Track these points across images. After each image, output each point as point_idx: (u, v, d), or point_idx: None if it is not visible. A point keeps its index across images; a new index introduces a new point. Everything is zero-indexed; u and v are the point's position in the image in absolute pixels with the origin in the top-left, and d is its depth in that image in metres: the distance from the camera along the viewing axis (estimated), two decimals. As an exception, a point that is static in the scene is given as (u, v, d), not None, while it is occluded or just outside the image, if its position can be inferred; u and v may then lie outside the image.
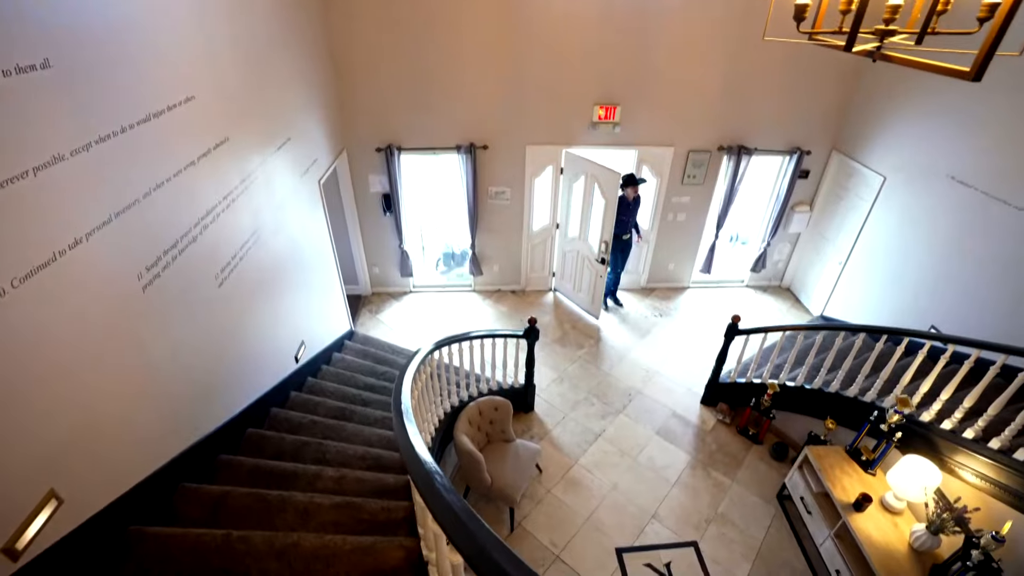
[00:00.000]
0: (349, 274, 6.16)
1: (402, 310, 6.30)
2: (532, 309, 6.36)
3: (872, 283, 5.34)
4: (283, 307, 3.71)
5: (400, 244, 6.03)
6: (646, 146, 5.60)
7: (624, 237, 5.78)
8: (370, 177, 5.58)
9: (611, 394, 5.18)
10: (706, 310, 6.44)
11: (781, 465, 4.53)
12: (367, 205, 5.78)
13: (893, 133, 5.01)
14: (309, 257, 4.26)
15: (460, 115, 5.27)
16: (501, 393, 4.57)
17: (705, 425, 4.89)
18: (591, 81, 5.19)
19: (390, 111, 5.17)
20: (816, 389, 4.23)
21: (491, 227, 6.06)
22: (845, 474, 3.66)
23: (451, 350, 3.86)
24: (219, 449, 2.76)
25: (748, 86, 5.31)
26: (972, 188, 4.24)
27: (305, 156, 4.12)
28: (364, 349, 5.07)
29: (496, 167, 5.62)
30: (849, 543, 3.43)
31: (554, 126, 5.42)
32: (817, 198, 6.11)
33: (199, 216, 2.52)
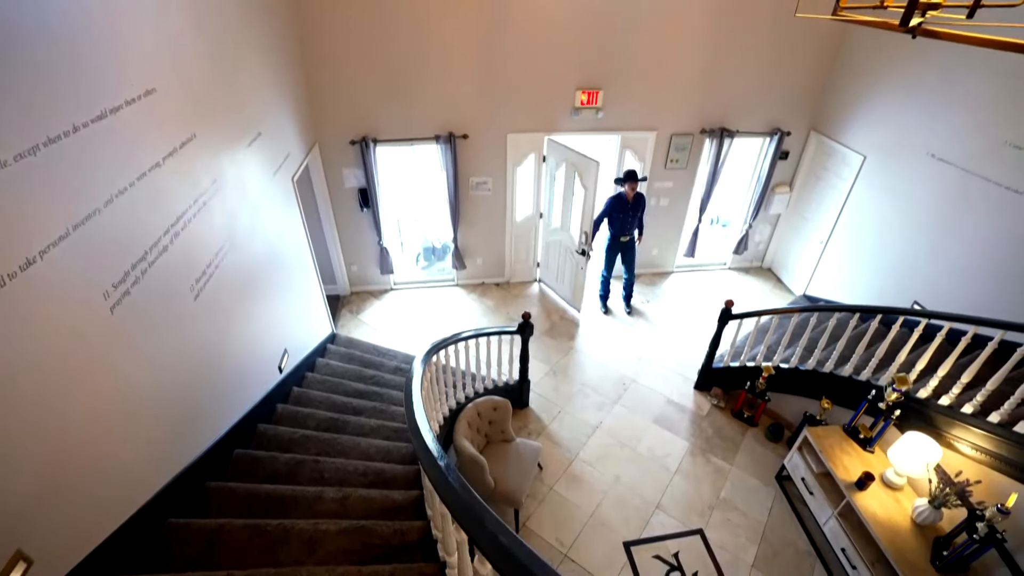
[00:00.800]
0: (327, 274, 5.88)
1: (384, 309, 6.06)
2: (518, 302, 6.22)
3: (854, 261, 5.41)
4: (264, 314, 3.46)
5: (379, 241, 5.78)
6: (629, 131, 5.50)
7: (623, 239, 5.56)
8: (345, 172, 5.29)
9: (605, 384, 5.12)
10: (691, 294, 6.44)
11: (777, 446, 4.56)
12: (342, 201, 5.50)
13: (872, 113, 5.04)
14: (287, 259, 4.00)
15: (438, 104, 5.03)
16: (495, 391, 4.43)
17: (700, 410, 4.89)
18: (572, 66, 5.03)
19: (364, 101, 4.90)
20: (810, 370, 4.25)
21: (473, 219, 5.87)
22: (845, 453, 3.69)
23: (447, 352, 3.69)
24: (206, 476, 2.54)
25: (728, 67, 5.25)
26: (952, 165, 4.29)
27: (277, 152, 3.84)
28: (348, 352, 4.84)
29: (477, 157, 5.42)
30: (853, 521, 3.46)
31: (536, 113, 5.24)
32: (796, 179, 6.14)
33: (169, 223, 2.26)
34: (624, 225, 5.48)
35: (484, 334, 3.98)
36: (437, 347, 3.32)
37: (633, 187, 5.25)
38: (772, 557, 3.74)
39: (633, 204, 5.39)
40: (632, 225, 5.52)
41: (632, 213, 5.43)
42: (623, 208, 5.40)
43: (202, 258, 2.58)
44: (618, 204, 5.41)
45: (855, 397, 3.96)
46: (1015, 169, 3.82)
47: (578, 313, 6.06)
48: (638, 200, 5.40)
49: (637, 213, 5.46)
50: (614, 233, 5.58)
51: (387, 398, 3.98)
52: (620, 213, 5.43)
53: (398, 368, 4.66)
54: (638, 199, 5.39)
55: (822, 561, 3.70)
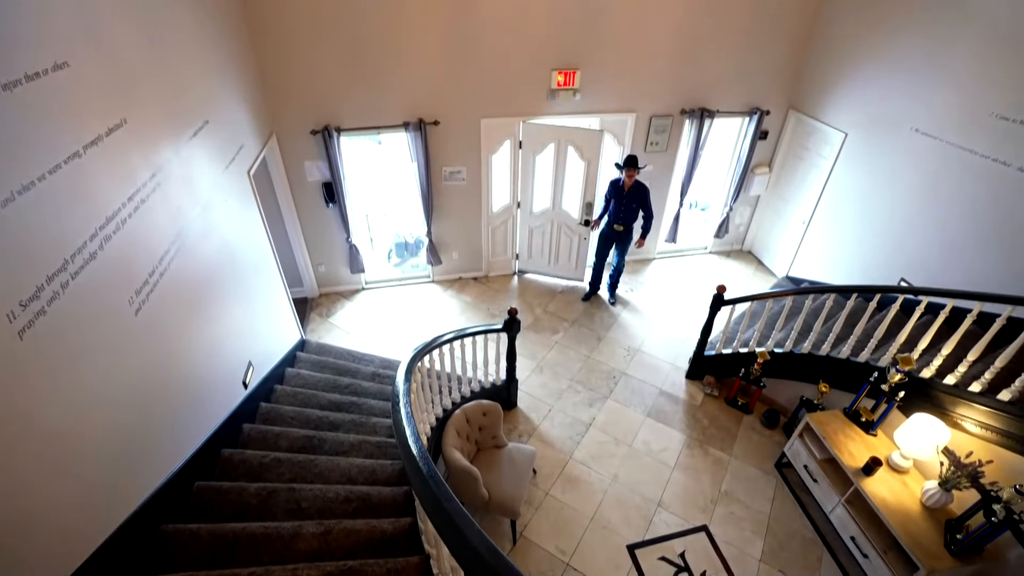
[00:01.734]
0: (292, 276, 5.47)
1: (356, 310, 5.69)
2: (499, 296, 5.95)
3: (837, 241, 5.35)
4: (223, 325, 3.08)
5: (347, 238, 5.39)
6: (608, 113, 5.27)
7: (617, 228, 5.30)
8: (307, 164, 4.88)
9: (595, 378, 4.91)
10: (675, 280, 6.30)
11: (773, 432, 4.46)
12: (305, 197, 5.09)
13: (852, 90, 4.96)
14: (246, 261, 3.61)
15: (406, 88, 4.67)
16: (482, 394, 4.17)
17: (694, 400, 4.74)
18: (548, 45, 4.75)
19: (325, 87, 4.49)
20: (806, 354, 4.15)
21: (448, 211, 5.55)
22: (848, 438, 3.59)
23: (430, 357, 3.39)
24: (162, 517, 2.18)
25: (706, 45, 5.07)
26: (936, 139, 4.23)
27: (229, 143, 3.43)
28: (320, 360, 4.47)
29: (449, 145, 5.09)
30: (861, 508, 3.36)
31: (510, 96, 4.95)
32: (776, 159, 6.06)
33: (97, 224, 1.89)
34: (618, 213, 5.23)
35: (468, 334, 3.69)
36: (419, 355, 3.02)
37: (631, 174, 4.99)
38: (779, 549, 3.62)
39: (629, 193, 5.11)
40: (628, 215, 5.22)
41: (627, 202, 5.16)
42: (618, 195, 5.16)
43: (143, 265, 2.21)
44: (615, 190, 5.17)
45: (854, 379, 3.87)
46: (1002, 140, 3.77)
47: (583, 282, 6.15)
48: (636, 189, 5.10)
49: (633, 204, 5.17)
50: (608, 220, 5.34)
51: (366, 409, 3.66)
52: (615, 200, 5.19)
53: (376, 374, 4.33)
54: (637, 189, 5.10)
55: (829, 550, 3.60)
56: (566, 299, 5.92)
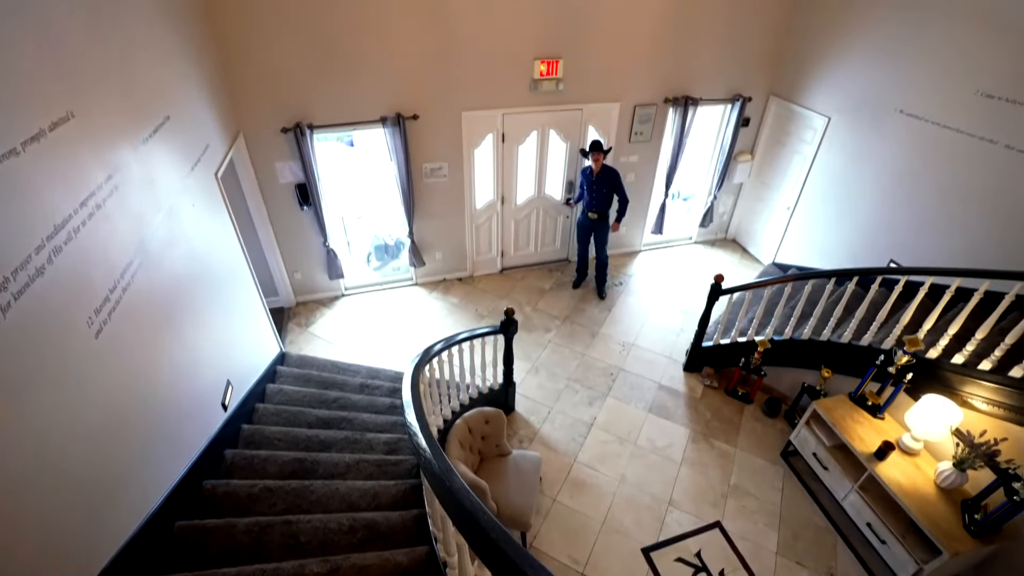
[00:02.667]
0: (266, 285, 5.12)
1: (337, 318, 5.39)
2: (486, 296, 5.74)
3: (824, 225, 5.35)
4: (197, 343, 2.78)
5: (324, 242, 5.09)
6: (592, 103, 5.12)
7: (591, 215, 5.21)
8: (278, 165, 4.56)
9: (592, 376, 4.77)
10: (662, 272, 6.22)
11: (776, 421, 4.40)
12: (278, 200, 4.76)
13: (834, 73, 4.94)
14: (218, 271, 3.30)
15: (382, 81, 4.41)
16: (480, 400, 3.96)
17: (694, 393, 4.65)
18: (529, 34, 4.56)
19: (294, 81, 4.19)
20: (806, 340, 4.09)
21: (430, 210, 5.31)
22: (857, 423, 3.54)
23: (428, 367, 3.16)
24: (140, 568, 1.91)
25: (687, 31, 4.98)
26: (922, 120, 4.24)
27: (194, 142, 3.12)
28: (303, 373, 4.18)
29: (430, 140, 4.85)
30: (875, 493, 3.31)
31: (492, 87, 4.74)
32: (757, 146, 6.03)
33: (44, 234, 1.61)
34: (590, 199, 5.13)
35: (465, 339, 3.48)
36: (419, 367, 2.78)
37: (597, 158, 4.88)
38: (793, 540, 3.54)
39: (599, 178, 5.02)
40: (600, 202, 5.14)
41: (598, 187, 5.06)
42: (589, 181, 5.06)
43: (102, 280, 1.92)
44: (585, 177, 5.07)
45: (856, 363, 3.83)
46: (988, 119, 3.78)
47: (568, 263, 6.27)
48: (606, 174, 5.02)
49: (604, 188, 5.08)
50: (584, 207, 5.23)
51: (359, 424, 3.40)
52: (585, 186, 5.09)
53: (364, 385, 4.07)
54: (606, 173, 5.02)
55: (843, 537, 3.54)
56: (555, 295, 5.76)
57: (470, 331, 3.56)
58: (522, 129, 5.08)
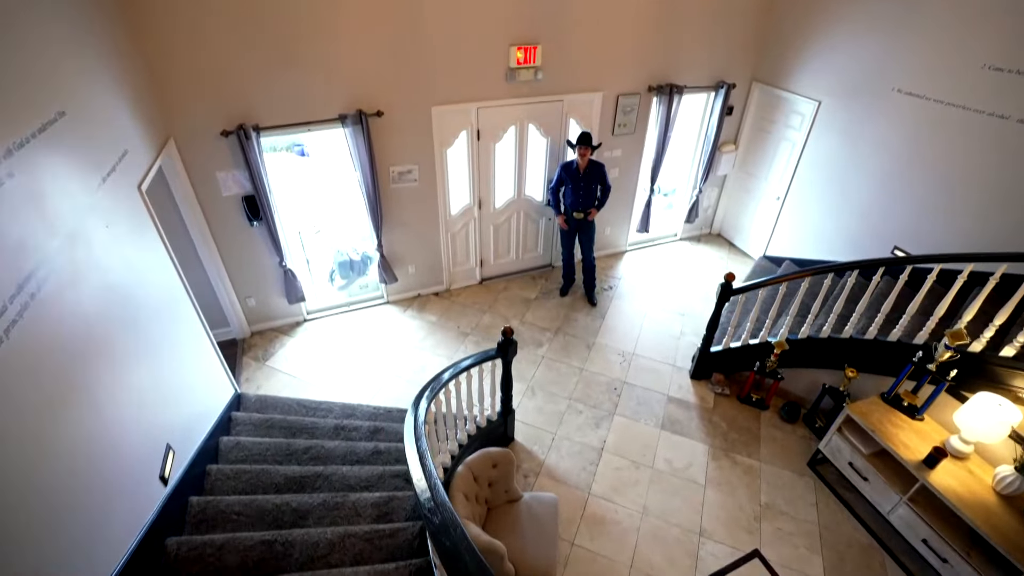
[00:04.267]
0: (213, 315, 4.42)
1: (300, 348, 4.72)
2: (467, 311, 5.21)
3: (817, 215, 5.12)
4: (119, 402, 2.14)
5: (280, 262, 4.43)
6: (573, 93, 4.70)
7: (577, 215, 4.78)
8: (219, 175, 3.89)
9: (595, 393, 4.32)
10: (651, 272, 5.86)
11: (796, 427, 4.08)
12: (222, 215, 4.08)
13: (822, 55, 4.71)
14: (147, 306, 2.65)
15: (340, 74, 3.83)
16: (478, 436, 3.43)
17: (705, 403, 4.27)
18: (504, 17, 4.09)
19: (234, 75, 3.55)
20: (825, 338, 3.78)
21: (400, 218, 4.74)
22: (896, 428, 3.23)
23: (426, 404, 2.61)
24: None
25: (669, 14, 4.64)
26: (923, 98, 4.03)
27: (104, 146, 2.47)
28: (264, 419, 3.53)
29: (396, 140, 4.30)
30: (928, 505, 2.99)
31: (465, 79, 4.24)
32: (741, 135, 5.78)
33: None
34: (576, 198, 4.71)
35: (462, 370, 2.95)
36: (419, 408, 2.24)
37: (584, 153, 4.48)
38: (839, 563, 3.19)
39: (586, 174, 4.62)
40: (588, 200, 4.75)
41: (585, 184, 4.66)
42: (574, 178, 4.62)
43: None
44: (568, 172, 4.63)
45: (884, 361, 3.53)
46: (997, 93, 3.58)
47: (552, 268, 5.86)
48: (592, 170, 4.63)
49: (592, 185, 4.69)
50: (567, 206, 4.80)
51: (338, 480, 2.81)
52: (571, 183, 4.65)
53: (340, 428, 3.46)
54: (593, 168, 4.62)
55: (891, 555, 3.21)
56: (543, 305, 5.29)
57: (455, 366, 3.00)
58: (499, 124, 4.60)
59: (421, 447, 2.05)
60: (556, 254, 5.75)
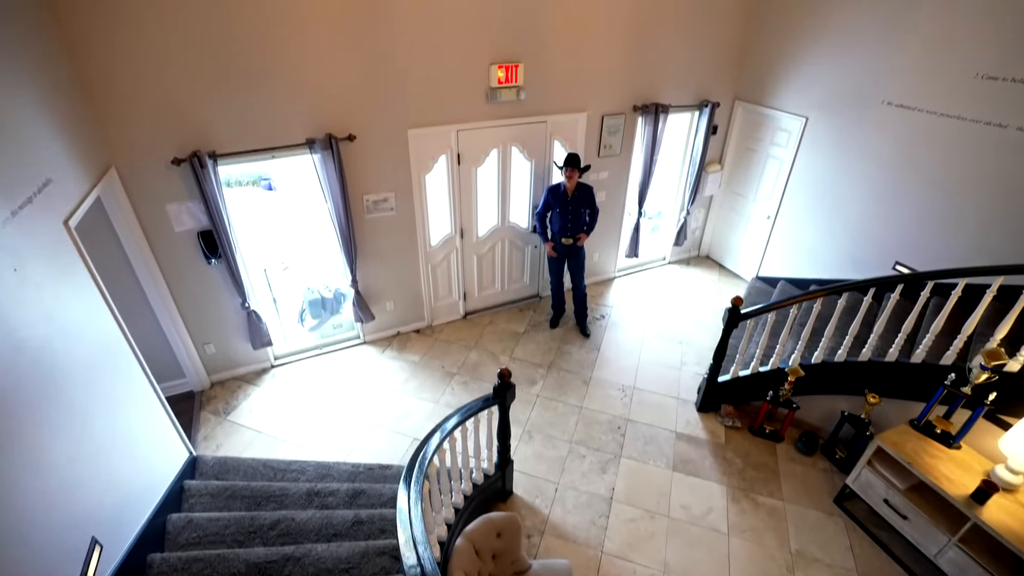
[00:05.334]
0: (166, 366, 3.92)
1: (267, 398, 4.22)
2: (451, 348, 4.80)
3: (811, 232, 4.97)
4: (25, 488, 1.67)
5: (243, 303, 3.98)
6: (557, 114, 4.48)
7: (565, 241, 4.50)
8: (171, 208, 3.47)
9: (597, 434, 3.94)
10: (643, 298, 5.59)
11: (815, 459, 3.77)
12: (175, 253, 3.64)
13: (806, 71, 4.65)
14: (71, 363, 2.19)
15: (307, 95, 3.51)
16: (476, 495, 3.00)
17: (716, 438, 3.94)
18: (484, 36, 3.87)
19: (187, 97, 3.19)
20: (842, 362, 3.53)
21: (376, 251, 4.37)
22: (934, 458, 2.95)
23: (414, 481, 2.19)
24: None
25: (653, 33, 4.52)
26: (914, 110, 3.94)
27: (16, 173, 2.05)
28: (224, 486, 3.02)
29: (370, 166, 3.97)
30: (980, 546, 2.69)
31: (443, 99, 3.97)
32: (726, 155, 5.67)
33: None
34: (564, 223, 4.44)
35: (458, 423, 2.54)
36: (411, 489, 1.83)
37: (572, 176, 4.23)
38: (886, 617, 2.84)
39: (575, 198, 4.36)
40: (577, 225, 4.48)
41: (573, 208, 4.40)
42: (562, 202, 4.36)
43: None
44: (555, 195, 4.37)
45: (910, 385, 3.29)
46: (992, 101, 3.50)
47: (539, 298, 5.54)
48: (581, 193, 4.38)
49: (581, 209, 4.44)
50: (555, 232, 4.52)
51: (312, 563, 2.33)
52: (558, 207, 4.38)
53: (313, 493, 2.98)
54: (581, 191, 4.38)
55: (942, 603, 2.88)
56: (533, 339, 4.94)
57: (460, 410, 2.62)
58: (480, 147, 4.33)
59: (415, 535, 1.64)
60: (544, 283, 5.45)
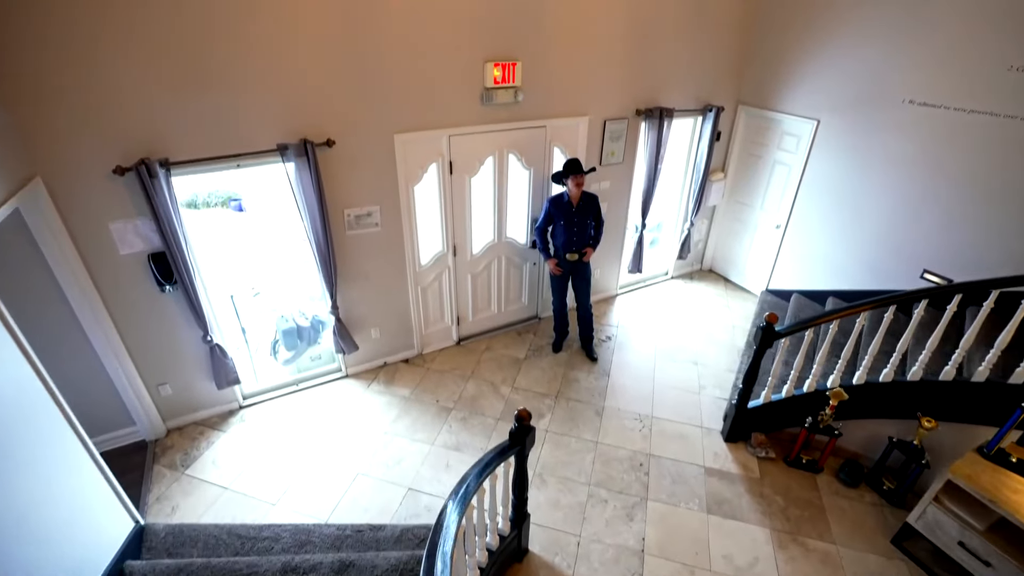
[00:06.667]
0: (110, 412, 3.33)
1: (233, 445, 3.63)
2: (445, 380, 4.30)
3: (826, 241, 4.67)
4: None
5: (205, 335, 3.42)
6: (556, 118, 4.11)
7: (570, 257, 4.10)
8: (114, 227, 2.93)
9: (617, 474, 3.47)
10: (649, 317, 5.20)
11: (862, 492, 3.38)
12: (119, 280, 3.08)
13: (815, 72, 4.40)
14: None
15: (279, 94, 3.04)
16: (491, 563, 2.49)
17: (750, 472, 3.51)
18: (478, 32, 3.49)
19: (131, 93, 2.69)
20: (889, 382, 3.16)
21: (359, 272, 3.88)
22: (1017, 493, 2.56)
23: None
24: None
25: (656, 32, 4.22)
26: (940, 108, 3.69)
27: None
28: (178, 566, 2.44)
29: (352, 175, 3.50)
30: (1085, 599, 2.30)
31: (433, 99, 3.55)
32: (729, 162, 5.39)
33: None
34: (569, 236, 4.04)
35: (471, 494, 2.04)
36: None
37: (578, 183, 3.85)
38: None
39: (580, 208, 3.98)
40: (583, 238, 4.09)
41: (579, 220, 4.01)
42: (566, 213, 3.96)
43: None
44: (559, 207, 3.97)
45: (972, 407, 2.93)
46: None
47: (539, 320, 5.09)
48: (587, 202, 4.00)
49: (587, 220, 4.05)
50: (558, 247, 4.11)
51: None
52: (563, 220, 3.98)
53: (290, 570, 2.42)
54: (587, 201, 4.00)
55: (1040, 666, 2.47)
56: (535, 365, 4.47)
57: (478, 466, 2.12)
58: (474, 154, 3.91)
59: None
60: (543, 304, 5.01)
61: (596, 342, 4.69)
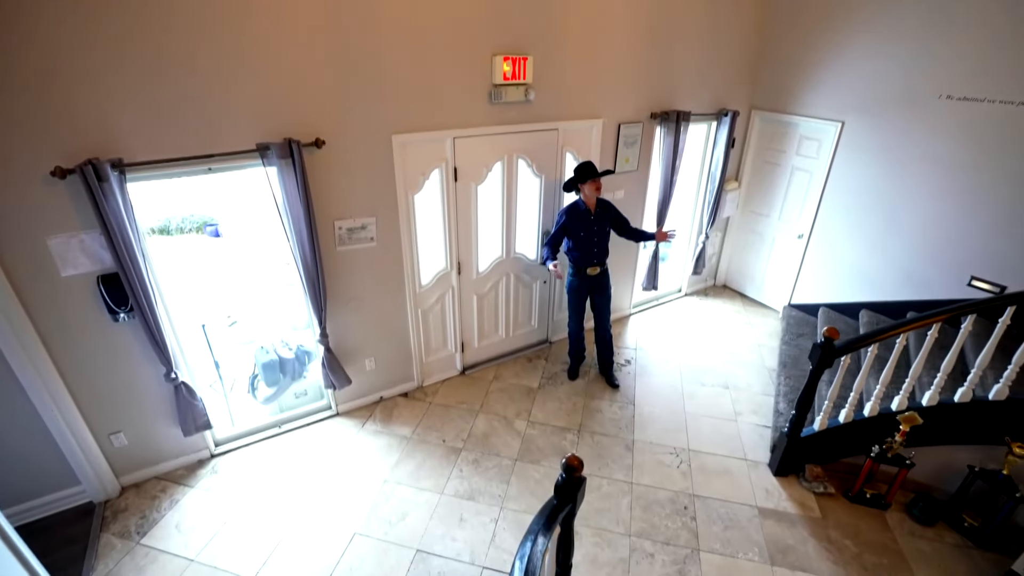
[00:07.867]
0: (46, 469, 2.73)
1: (203, 504, 3.04)
2: (450, 415, 3.78)
3: (854, 249, 4.36)
4: None
5: (169, 372, 2.86)
6: (569, 120, 3.75)
7: (591, 271, 3.71)
8: (53, 243, 2.41)
9: (661, 520, 2.97)
10: (668, 337, 4.78)
11: (940, 530, 2.94)
12: (60, 306, 2.54)
13: (837, 71, 4.16)
14: None
15: (259, 87, 2.60)
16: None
17: (809, 511, 3.05)
18: (486, 24, 3.13)
19: (75, 78, 2.22)
20: (968, 402, 2.77)
21: (352, 293, 3.38)
22: None
23: None
24: None
25: (665, 28, 3.94)
26: (981, 102, 3.44)
27: None
28: None
29: (344, 182, 3.05)
30: None
31: (437, 96, 3.15)
32: (743, 170, 5.09)
33: None
34: (590, 249, 3.64)
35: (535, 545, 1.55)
36: None
37: (597, 187, 3.48)
38: None
39: (599, 216, 3.60)
40: (603, 249, 3.71)
41: (599, 228, 3.62)
42: (584, 223, 3.57)
43: None
44: (575, 217, 3.57)
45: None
46: (1086, 83, 3.01)
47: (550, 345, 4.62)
48: (604, 209, 3.63)
49: (606, 227, 3.66)
50: (575, 261, 3.70)
51: None
52: (582, 231, 3.58)
53: None
54: (604, 208, 3.63)
55: None
56: (552, 395, 3.99)
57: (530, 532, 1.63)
58: (481, 159, 3.51)
59: None
60: (553, 327, 4.56)
61: (616, 366, 4.24)
